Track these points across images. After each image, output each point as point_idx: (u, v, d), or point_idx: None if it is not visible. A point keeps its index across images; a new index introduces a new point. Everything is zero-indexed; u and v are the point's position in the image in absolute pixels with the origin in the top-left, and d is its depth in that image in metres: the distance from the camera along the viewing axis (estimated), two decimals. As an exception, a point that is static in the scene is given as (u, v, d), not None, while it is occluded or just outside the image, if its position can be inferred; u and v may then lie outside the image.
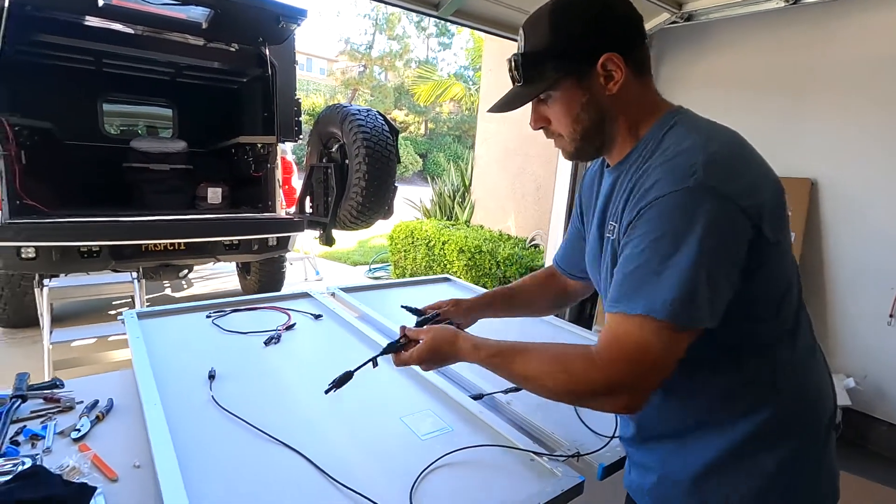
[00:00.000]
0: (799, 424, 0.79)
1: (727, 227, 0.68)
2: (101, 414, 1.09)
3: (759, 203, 0.70)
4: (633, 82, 0.80)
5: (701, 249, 0.66)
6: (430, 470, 0.94)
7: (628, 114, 0.82)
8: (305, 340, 1.57)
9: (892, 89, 2.73)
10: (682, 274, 0.67)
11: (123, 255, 3.28)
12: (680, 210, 0.68)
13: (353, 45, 23.55)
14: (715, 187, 0.67)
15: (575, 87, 0.80)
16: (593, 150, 0.87)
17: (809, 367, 0.83)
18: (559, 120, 0.85)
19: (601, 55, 0.77)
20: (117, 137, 4.75)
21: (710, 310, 0.68)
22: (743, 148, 0.76)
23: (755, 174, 0.73)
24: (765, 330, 0.78)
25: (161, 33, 3.73)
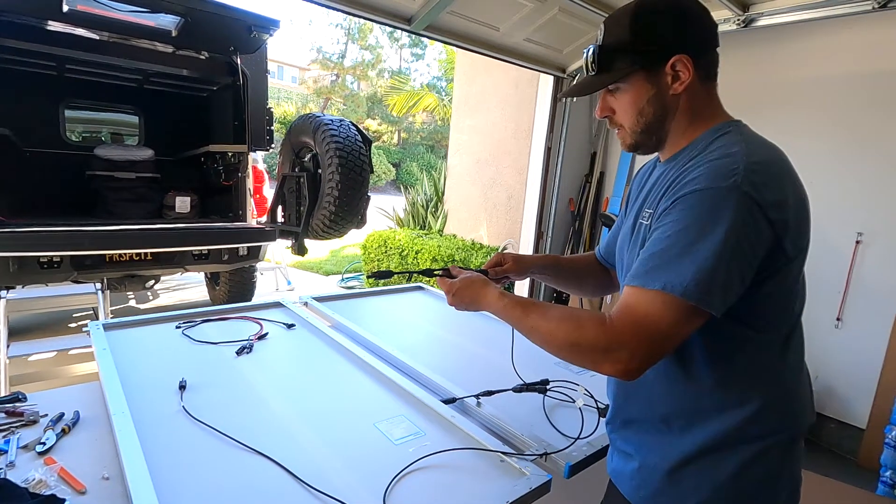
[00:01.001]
0: (775, 430, 0.84)
1: (752, 230, 0.74)
2: (67, 427, 1.07)
3: (786, 219, 0.76)
4: (699, 85, 0.87)
5: (725, 243, 0.72)
6: (403, 474, 0.96)
7: (688, 115, 0.88)
8: (278, 350, 1.57)
9: (839, 105, 2.93)
10: (703, 260, 0.73)
11: (86, 265, 3.17)
12: (712, 204, 0.74)
13: (325, 54, 23.46)
14: (749, 193, 0.73)
15: (644, 82, 0.86)
16: (652, 144, 0.93)
17: (795, 381, 0.89)
18: (624, 111, 0.91)
19: (672, 55, 0.83)
20: (80, 145, 4.60)
21: (721, 298, 0.74)
22: (783, 166, 0.81)
23: (788, 192, 0.79)
24: (757, 335, 0.83)
25: (128, 39, 3.66)
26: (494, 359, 1.59)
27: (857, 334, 2.92)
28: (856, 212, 2.89)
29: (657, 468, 0.88)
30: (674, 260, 0.75)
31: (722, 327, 0.80)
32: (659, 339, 0.76)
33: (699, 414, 0.85)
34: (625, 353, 0.76)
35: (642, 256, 0.80)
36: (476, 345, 1.76)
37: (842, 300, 2.94)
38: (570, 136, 3.70)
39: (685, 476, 0.85)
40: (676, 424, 0.87)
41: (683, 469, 0.85)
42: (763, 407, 0.83)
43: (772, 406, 0.84)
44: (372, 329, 1.73)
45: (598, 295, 1.33)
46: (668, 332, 0.75)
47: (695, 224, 0.75)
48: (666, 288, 0.74)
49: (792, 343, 0.87)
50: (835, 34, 2.90)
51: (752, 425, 0.83)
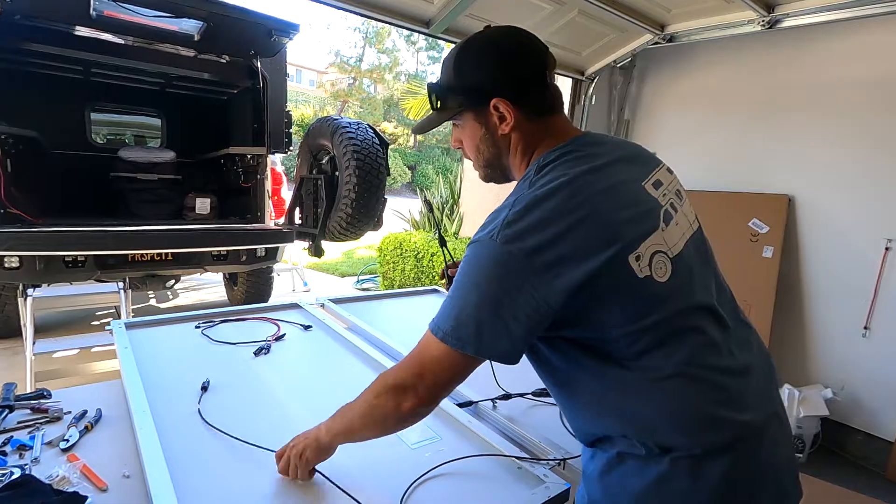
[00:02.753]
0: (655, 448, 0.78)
1: (509, 279, 0.75)
2: (90, 424, 1.09)
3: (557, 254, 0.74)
4: (526, 125, 0.89)
5: (483, 291, 0.76)
6: (419, 477, 0.96)
7: (519, 152, 0.91)
8: (295, 351, 1.58)
9: (865, 109, 2.85)
10: (463, 306, 0.77)
11: (109, 265, 3.24)
12: (476, 255, 0.79)
13: (342, 58, 23.68)
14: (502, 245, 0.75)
15: (473, 121, 0.92)
16: (500, 176, 0.97)
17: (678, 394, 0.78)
18: (467, 147, 0.97)
19: (492, 98, 0.87)
20: (104, 147, 4.72)
21: (481, 342, 0.76)
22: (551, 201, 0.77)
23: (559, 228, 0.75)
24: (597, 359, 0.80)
25: (152, 44, 3.74)
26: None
27: (885, 343, 2.83)
28: (885, 218, 2.80)
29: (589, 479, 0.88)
30: (444, 305, 0.81)
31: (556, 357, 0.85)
32: (437, 381, 0.81)
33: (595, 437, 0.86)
34: (409, 397, 0.81)
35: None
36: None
37: (870, 308, 2.85)
38: (588, 139, 3.67)
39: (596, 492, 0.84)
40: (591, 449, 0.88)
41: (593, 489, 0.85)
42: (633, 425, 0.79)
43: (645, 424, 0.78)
44: (388, 331, 1.73)
45: None
46: (438, 370, 0.80)
47: (463, 274, 0.80)
48: (435, 332, 0.80)
49: (668, 355, 0.78)
50: (862, 35, 2.82)
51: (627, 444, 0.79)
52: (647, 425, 0.78)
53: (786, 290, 3.07)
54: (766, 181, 3.13)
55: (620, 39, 3.13)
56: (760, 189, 3.19)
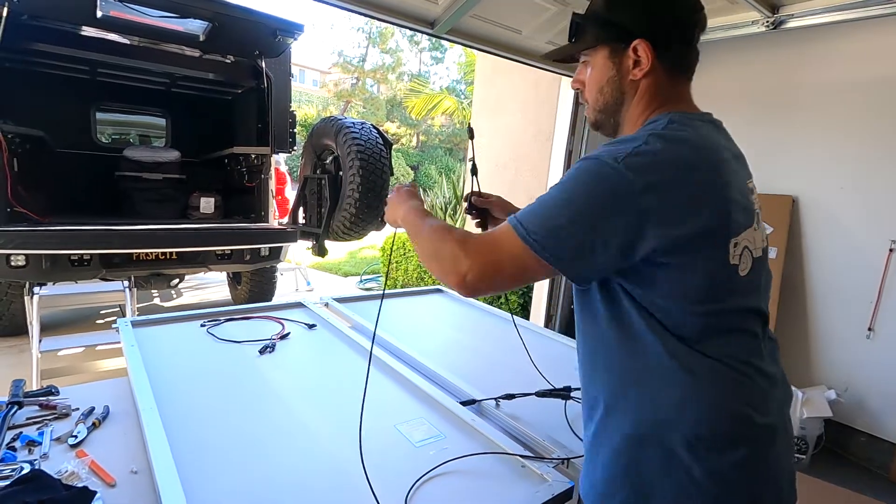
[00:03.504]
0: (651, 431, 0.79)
1: (611, 206, 0.73)
2: (98, 421, 1.10)
3: (663, 207, 0.73)
4: (662, 77, 0.85)
5: (577, 210, 0.75)
6: (423, 475, 0.96)
7: (643, 103, 0.86)
8: (300, 350, 1.59)
9: (870, 110, 2.84)
10: (552, 216, 0.76)
11: (114, 263, 3.26)
12: (586, 173, 0.76)
13: (346, 58, 23.71)
14: (623, 173, 0.73)
15: (607, 59, 0.87)
16: (610, 126, 0.92)
17: (699, 386, 0.79)
18: (589, 87, 0.92)
19: (635, 38, 0.83)
20: (109, 146, 4.74)
21: (558, 254, 0.75)
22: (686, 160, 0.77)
23: (682, 184, 0.75)
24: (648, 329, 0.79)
25: (157, 44, 3.76)
26: (514, 363, 1.58)
27: (889, 345, 2.82)
28: (889, 219, 2.79)
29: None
30: (534, 208, 0.79)
31: (609, 310, 0.82)
32: (497, 264, 0.79)
33: (596, 400, 0.87)
34: (466, 263, 0.79)
35: None
36: (495, 349, 1.75)
37: (874, 310, 2.84)
38: (592, 140, 3.66)
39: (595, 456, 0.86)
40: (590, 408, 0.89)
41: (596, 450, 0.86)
42: (640, 403, 0.80)
43: (669, 405, 0.78)
44: (391, 331, 1.74)
45: None
46: (506, 261, 0.79)
47: (564, 184, 0.78)
48: (516, 227, 0.78)
49: (719, 346, 0.79)
50: (868, 36, 2.81)
51: (627, 419, 0.81)
52: (671, 407, 0.78)
53: (789, 291, 3.06)
54: (770, 182, 3.13)
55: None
56: (764, 190, 3.18)
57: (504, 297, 4.43)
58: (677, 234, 0.74)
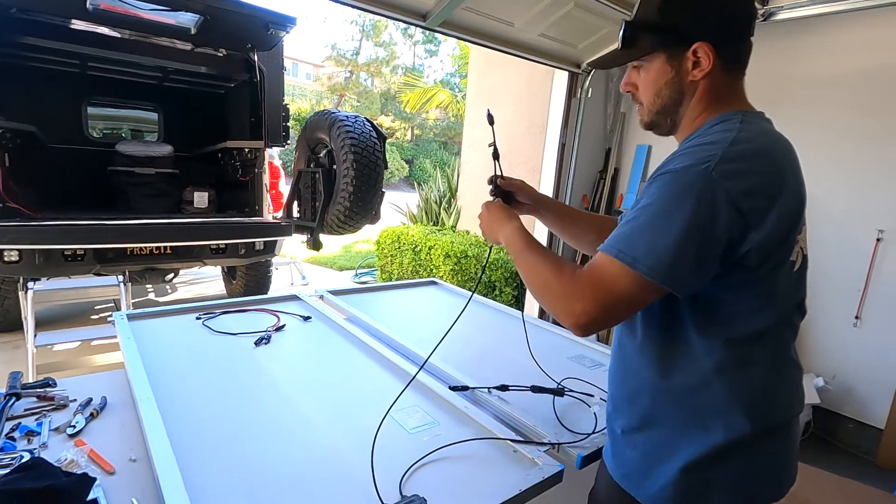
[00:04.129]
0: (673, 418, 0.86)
1: (715, 217, 0.74)
2: (96, 411, 1.11)
3: (761, 209, 0.76)
4: (720, 75, 0.86)
5: (683, 224, 0.74)
6: (417, 461, 0.99)
7: (703, 102, 0.87)
8: (295, 341, 1.61)
9: (859, 102, 2.87)
10: (658, 237, 0.75)
11: (108, 258, 3.25)
12: (680, 186, 0.76)
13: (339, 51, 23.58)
14: (717, 179, 0.74)
15: (664, 63, 0.87)
16: (667, 126, 0.93)
17: (730, 385, 0.83)
18: (645, 89, 0.92)
19: (695, 41, 0.83)
20: (102, 141, 4.71)
21: (672, 274, 0.75)
22: (775, 159, 0.80)
23: (770, 184, 0.78)
24: (698, 332, 0.83)
25: (148, 37, 3.73)
26: (509, 354, 1.61)
27: (876, 333, 2.87)
28: (877, 209, 2.83)
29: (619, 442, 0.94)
30: (632, 232, 0.78)
31: (669, 312, 0.84)
32: (610, 302, 0.79)
33: (638, 391, 0.90)
34: (578, 305, 0.80)
35: (618, 227, 0.83)
36: (490, 340, 1.77)
37: (861, 298, 2.89)
38: (585, 132, 3.68)
39: (631, 448, 0.91)
40: (627, 399, 0.93)
41: (630, 440, 0.91)
42: (677, 400, 0.85)
43: (711, 398, 0.83)
44: (387, 322, 1.75)
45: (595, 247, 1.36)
46: (618, 297, 0.78)
47: (659, 202, 0.77)
48: (619, 256, 0.77)
49: (766, 340, 0.84)
50: (856, 28, 2.84)
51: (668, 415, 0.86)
52: (713, 400, 0.83)
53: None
54: (761, 173, 3.16)
55: (616, 32, 3.13)
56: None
57: (499, 289, 4.45)
58: (769, 235, 0.76)
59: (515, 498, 0.91)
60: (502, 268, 4.49)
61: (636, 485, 0.89)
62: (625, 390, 0.93)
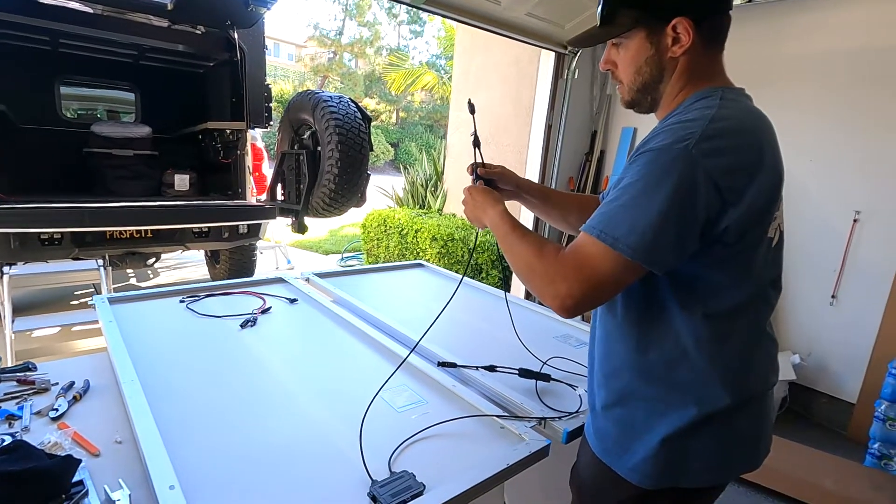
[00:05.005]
0: (679, 401, 0.86)
1: (695, 195, 0.74)
2: (78, 394, 1.10)
3: (739, 187, 0.76)
4: (700, 51, 0.85)
5: (664, 203, 0.74)
6: (405, 438, 1.00)
7: (683, 78, 0.87)
8: (281, 323, 1.60)
9: (837, 83, 2.91)
10: (639, 217, 0.75)
11: (86, 242, 3.17)
12: (660, 165, 0.76)
13: (322, 31, 23.05)
14: (696, 157, 0.74)
15: (644, 40, 0.87)
16: (647, 103, 0.93)
17: (715, 358, 0.85)
18: (624, 67, 0.91)
19: (674, 17, 0.83)
20: (76, 122, 4.56)
21: (652, 254, 0.76)
22: (755, 136, 0.81)
23: (749, 161, 0.78)
24: (679, 306, 0.84)
25: (123, 13, 3.59)
26: (495, 334, 1.62)
27: (851, 312, 2.96)
28: (854, 190, 2.90)
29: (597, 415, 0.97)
30: (614, 212, 0.78)
31: (650, 290, 0.85)
32: (594, 283, 0.79)
33: (618, 367, 0.92)
34: (563, 287, 0.80)
35: (599, 208, 0.83)
36: (477, 320, 1.79)
37: (837, 278, 2.97)
38: (571, 114, 3.68)
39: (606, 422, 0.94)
40: (605, 378, 0.95)
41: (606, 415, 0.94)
42: (657, 375, 0.87)
43: (691, 371, 0.85)
44: (373, 304, 1.75)
45: (579, 226, 1.36)
46: (602, 278, 0.79)
47: (640, 181, 0.77)
48: (601, 237, 0.78)
49: (744, 314, 0.86)
50: (836, 10, 2.86)
51: (649, 388, 0.88)
52: (692, 374, 0.85)
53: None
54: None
55: (603, 12, 3.11)
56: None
57: (486, 272, 4.47)
58: (747, 211, 0.77)
59: (502, 472, 0.92)
60: (489, 250, 4.51)
61: (616, 458, 0.92)
62: (605, 367, 0.95)
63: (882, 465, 2.49)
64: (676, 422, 0.85)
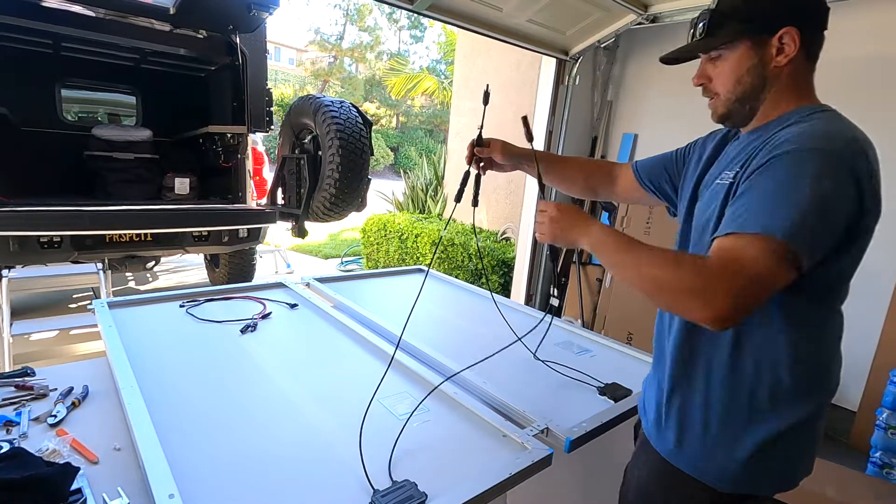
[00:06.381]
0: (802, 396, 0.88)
1: (845, 195, 0.76)
2: (77, 400, 1.09)
3: (873, 192, 0.80)
4: (801, 63, 0.87)
5: (821, 198, 0.74)
6: (407, 446, 0.99)
7: (784, 89, 0.88)
8: (282, 329, 1.59)
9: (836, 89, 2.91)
10: (801, 210, 0.74)
11: (86, 245, 3.17)
12: (813, 163, 0.76)
13: (323, 36, 23.15)
14: (849, 160, 0.76)
15: (748, 50, 0.87)
16: (745, 114, 0.92)
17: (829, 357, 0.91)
18: (723, 79, 0.91)
19: (782, 27, 0.84)
20: (77, 125, 4.56)
21: (811, 249, 0.76)
22: (874, 151, 0.84)
23: (875, 172, 0.82)
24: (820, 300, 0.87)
25: (125, 17, 3.60)
26: (493, 337, 1.61)
27: (851, 317, 2.93)
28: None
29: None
30: (774, 207, 0.76)
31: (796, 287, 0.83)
32: (754, 282, 0.74)
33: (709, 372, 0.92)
34: (718, 297, 0.74)
35: (734, 209, 0.80)
36: (475, 324, 1.78)
37: (838, 286, 2.96)
38: (572, 120, 3.68)
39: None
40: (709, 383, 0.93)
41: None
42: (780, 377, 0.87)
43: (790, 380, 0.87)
44: (373, 309, 1.74)
45: (585, 196, 1.35)
46: (762, 275, 0.74)
47: (795, 178, 0.76)
48: (766, 230, 0.74)
49: (822, 328, 0.89)
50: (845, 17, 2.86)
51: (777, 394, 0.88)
52: (784, 380, 0.86)
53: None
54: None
55: (604, 19, 3.12)
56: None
57: (485, 277, 4.47)
58: (875, 216, 0.82)
59: (505, 482, 0.91)
60: (489, 255, 4.51)
61: (703, 466, 0.92)
62: (692, 371, 0.94)
63: (884, 473, 2.47)
64: (774, 427, 0.87)
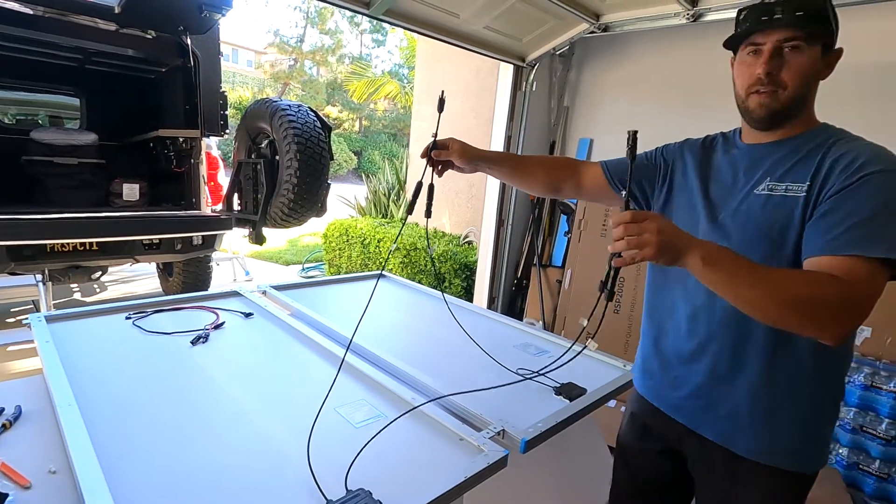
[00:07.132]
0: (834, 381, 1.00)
1: None
2: (8, 422, 1.02)
3: None
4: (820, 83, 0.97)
5: None
6: (363, 454, 0.98)
7: (811, 104, 0.99)
8: (236, 339, 1.54)
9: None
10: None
11: (25, 256, 2.98)
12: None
13: (282, 38, 22.73)
14: None
15: (818, 54, 0.94)
16: (791, 114, 0.97)
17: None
18: (795, 74, 0.94)
19: (835, 46, 0.96)
20: (14, 127, 4.30)
21: None
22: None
23: None
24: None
25: (66, 15, 3.42)
26: (454, 342, 1.62)
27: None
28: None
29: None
30: (882, 230, 0.81)
31: None
32: (869, 306, 0.80)
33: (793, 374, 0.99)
34: (854, 315, 0.80)
35: (844, 228, 0.83)
36: (436, 329, 1.78)
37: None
38: (530, 125, 3.75)
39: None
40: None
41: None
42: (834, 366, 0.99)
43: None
44: (332, 316, 1.72)
45: (548, 194, 1.35)
46: (873, 298, 0.81)
47: (893, 200, 0.82)
48: (889, 253, 0.80)
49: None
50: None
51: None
52: (836, 374, 1.00)
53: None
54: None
55: (559, 27, 3.20)
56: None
57: (448, 281, 4.49)
58: None
59: (461, 485, 0.92)
60: (451, 259, 4.52)
61: (797, 456, 1.00)
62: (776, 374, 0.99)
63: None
64: (832, 411, 1.01)
